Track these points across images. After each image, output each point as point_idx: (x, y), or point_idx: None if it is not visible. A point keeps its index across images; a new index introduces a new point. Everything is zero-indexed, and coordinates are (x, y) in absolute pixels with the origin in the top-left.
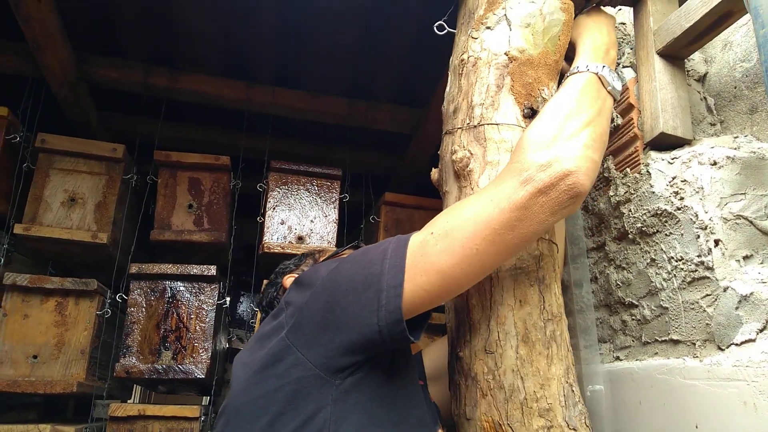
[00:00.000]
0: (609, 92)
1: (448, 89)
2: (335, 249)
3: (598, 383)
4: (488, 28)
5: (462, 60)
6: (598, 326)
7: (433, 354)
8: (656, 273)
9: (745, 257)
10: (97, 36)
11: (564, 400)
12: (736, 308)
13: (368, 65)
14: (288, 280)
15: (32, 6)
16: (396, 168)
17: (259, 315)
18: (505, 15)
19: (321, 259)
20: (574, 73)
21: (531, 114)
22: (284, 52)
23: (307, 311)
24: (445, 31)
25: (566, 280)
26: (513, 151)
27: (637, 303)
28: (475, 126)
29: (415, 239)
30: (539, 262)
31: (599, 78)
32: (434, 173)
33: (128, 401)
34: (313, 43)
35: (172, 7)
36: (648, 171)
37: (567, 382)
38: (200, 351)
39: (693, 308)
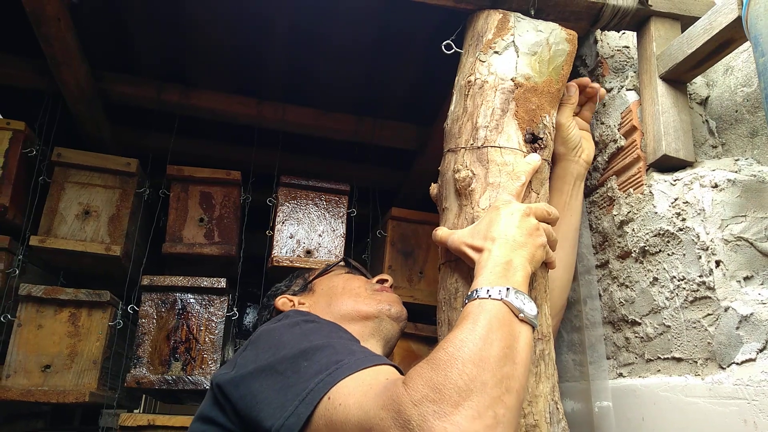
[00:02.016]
0: (522, 320)
1: (452, 108)
2: (324, 266)
3: (606, 399)
4: (496, 52)
5: (469, 81)
6: (602, 343)
7: None
8: (659, 292)
9: (746, 278)
10: (113, 53)
11: (549, 417)
12: (737, 328)
13: (376, 84)
14: (280, 301)
15: (52, 25)
16: (402, 183)
17: None
18: (513, 41)
19: (310, 278)
20: (473, 300)
21: (532, 140)
22: (294, 70)
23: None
24: (453, 50)
25: (572, 297)
26: (422, 365)
27: (640, 321)
28: (478, 147)
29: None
30: (532, 283)
31: (506, 305)
32: (433, 188)
33: (134, 411)
34: (323, 63)
35: (186, 26)
36: (651, 192)
37: (553, 400)
38: (209, 362)
39: (695, 327)
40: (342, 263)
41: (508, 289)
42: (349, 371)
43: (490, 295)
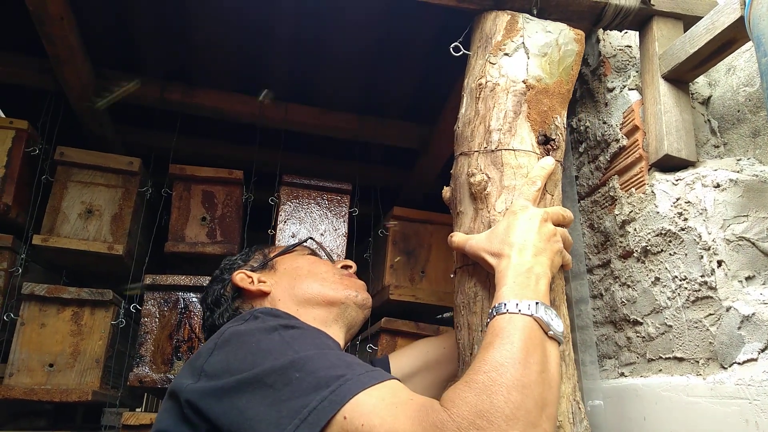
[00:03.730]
0: (551, 337)
1: (463, 111)
2: (287, 245)
3: (597, 398)
4: (506, 54)
5: (480, 84)
6: (603, 342)
7: (402, 360)
8: (661, 291)
9: (748, 278)
10: (116, 52)
11: (572, 417)
12: (739, 328)
13: (379, 84)
14: (238, 276)
15: (55, 24)
16: (404, 183)
17: None
18: (523, 43)
19: (272, 255)
20: (501, 313)
21: (544, 141)
22: (297, 69)
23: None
24: (461, 53)
25: (573, 297)
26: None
27: (641, 320)
28: (492, 150)
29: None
30: (549, 286)
31: (537, 321)
32: (446, 192)
33: (137, 410)
34: (325, 61)
35: (189, 27)
36: (653, 191)
37: (574, 400)
38: None
39: (697, 327)
40: (306, 243)
41: (537, 303)
42: (360, 387)
43: (519, 310)
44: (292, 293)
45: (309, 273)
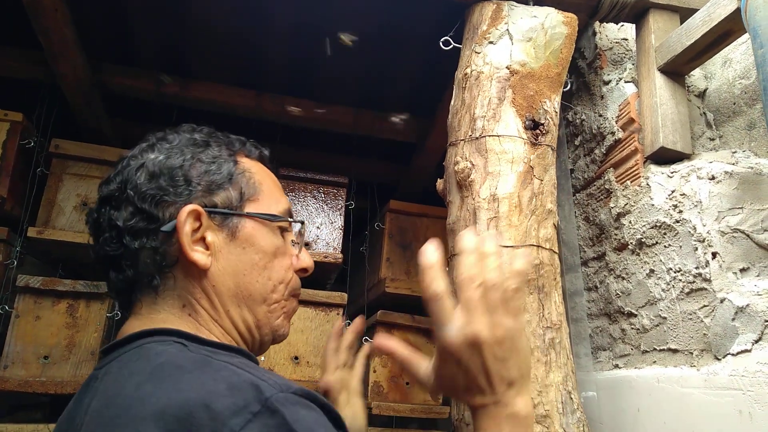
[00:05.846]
0: None
1: (452, 102)
2: (271, 213)
3: (590, 390)
4: (491, 42)
5: (465, 74)
6: (598, 334)
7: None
8: (655, 283)
9: (742, 270)
10: (111, 45)
11: (562, 407)
12: (733, 319)
13: (376, 76)
14: (187, 215)
15: (50, 17)
16: (401, 176)
17: None
18: (507, 30)
19: (248, 207)
20: None
21: (533, 126)
22: (294, 63)
23: None
24: (451, 46)
25: (569, 289)
26: None
27: (636, 312)
28: (476, 138)
29: None
30: (539, 271)
31: None
32: (440, 183)
33: None
34: (322, 56)
35: (185, 17)
36: (648, 184)
37: (565, 390)
38: None
39: (691, 318)
40: (291, 223)
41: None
42: None
43: None
44: (234, 290)
45: (264, 270)
